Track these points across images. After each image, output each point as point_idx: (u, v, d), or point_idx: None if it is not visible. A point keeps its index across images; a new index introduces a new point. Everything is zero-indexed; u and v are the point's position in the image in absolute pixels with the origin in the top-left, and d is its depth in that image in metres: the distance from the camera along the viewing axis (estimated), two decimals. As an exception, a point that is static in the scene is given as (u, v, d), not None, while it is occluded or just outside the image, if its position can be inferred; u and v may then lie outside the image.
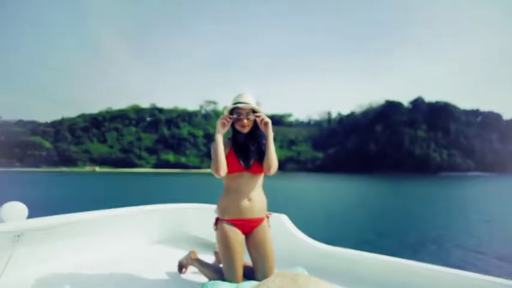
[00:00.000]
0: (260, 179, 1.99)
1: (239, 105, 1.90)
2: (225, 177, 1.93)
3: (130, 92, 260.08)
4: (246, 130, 1.93)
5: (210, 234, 3.28)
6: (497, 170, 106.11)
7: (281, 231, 2.62)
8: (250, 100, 1.95)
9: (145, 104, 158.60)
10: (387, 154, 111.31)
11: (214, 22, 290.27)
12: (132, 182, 49.66)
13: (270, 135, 1.91)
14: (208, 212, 3.31)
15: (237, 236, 1.87)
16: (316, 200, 22.42)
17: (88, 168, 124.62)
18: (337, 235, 10.67)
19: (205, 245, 3.20)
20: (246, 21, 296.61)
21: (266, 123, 1.92)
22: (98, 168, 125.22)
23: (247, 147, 1.96)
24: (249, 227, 1.93)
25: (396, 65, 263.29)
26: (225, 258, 1.85)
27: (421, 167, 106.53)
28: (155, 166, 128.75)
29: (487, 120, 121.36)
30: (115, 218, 3.03)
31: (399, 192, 32.87)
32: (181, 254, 2.73)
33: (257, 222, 1.95)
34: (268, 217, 2.02)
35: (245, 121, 1.91)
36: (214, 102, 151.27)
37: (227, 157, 1.91)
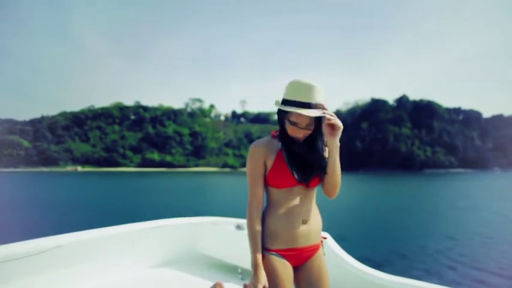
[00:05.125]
0: (314, 194, 1.46)
1: (302, 112, 1.23)
2: (271, 190, 1.40)
3: (113, 89, 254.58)
4: (301, 139, 1.35)
5: (232, 255, 2.61)
6: (477, 167, 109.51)
7: (328, 257, 1.87)
8: (320, 99, 1.28)
9: (129, 102, 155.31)
10: (373, 151, 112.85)
11: (200, 21, 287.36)
12: (118, 182, 48.15)
13: (337, 146, 1.33)
14: (229, 227, 2.66)
15: (287, 271, 1.36)
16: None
17: (70, 168, 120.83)
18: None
19: (227, 269, 2.61)
20: (231, 20, 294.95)
21: (336, 128, 1.29)
22: (80, 168, 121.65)
23: (305, 159, 1.37)
24: (302, 258, 1.41)
25: (381, 64, 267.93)
26: None
27: (406, 164, 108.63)
28: (140, 165, 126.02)
29: (468, 119, 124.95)
30: (111, 239, 2.34)
31: (389, 190, 32.94)
32: (196, 280, 2.38)
33: (313, 250, 1.43)
34: (322, 241, 1.50)
35: (304, 131, 1.32)
36: (200, 100, 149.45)
37: (274, 165, 1.37)
